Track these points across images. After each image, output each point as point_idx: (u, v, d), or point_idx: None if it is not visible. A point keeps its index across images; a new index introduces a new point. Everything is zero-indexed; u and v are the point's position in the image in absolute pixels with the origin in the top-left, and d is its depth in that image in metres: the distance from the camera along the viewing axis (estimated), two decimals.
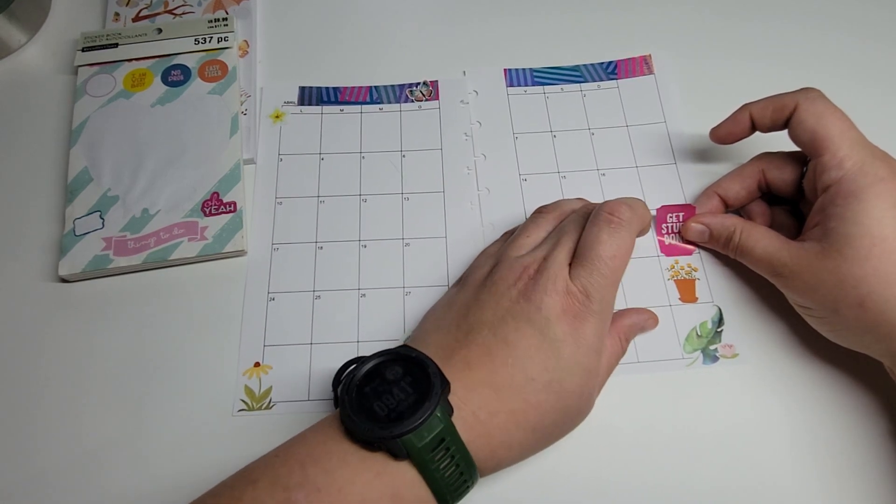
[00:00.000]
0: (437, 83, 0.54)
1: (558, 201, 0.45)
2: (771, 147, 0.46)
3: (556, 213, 0.43)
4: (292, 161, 0.51)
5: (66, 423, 0.42)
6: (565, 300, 0.36)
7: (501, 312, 0.36)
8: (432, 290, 0.46)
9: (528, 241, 0.41)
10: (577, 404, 0.36)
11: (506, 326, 0.36)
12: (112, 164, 0.49)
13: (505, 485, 0.40)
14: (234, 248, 0.46)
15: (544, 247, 0.39)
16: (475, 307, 0.37)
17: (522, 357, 0.35)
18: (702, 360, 0.43)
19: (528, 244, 0.41)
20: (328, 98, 0.54)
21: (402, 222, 0.48)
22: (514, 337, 0.35)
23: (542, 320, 0.35)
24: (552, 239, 0.40)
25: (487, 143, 0.51)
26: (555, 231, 0.41)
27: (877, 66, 0.55)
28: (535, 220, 0.43)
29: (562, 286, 0.36)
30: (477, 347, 0.35)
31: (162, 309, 0.46)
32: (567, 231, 0.40)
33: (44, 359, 0.44)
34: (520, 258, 0.39)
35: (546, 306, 0.36)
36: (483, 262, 0.42)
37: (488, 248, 0.45)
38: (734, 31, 0.56)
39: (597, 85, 0.54)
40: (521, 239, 0.41)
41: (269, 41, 0.57)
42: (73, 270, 0.45)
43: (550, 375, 0.35)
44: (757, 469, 0.40)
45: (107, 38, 0.54)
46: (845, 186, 0.38)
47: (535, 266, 0.38)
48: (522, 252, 0.40)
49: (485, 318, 0.36)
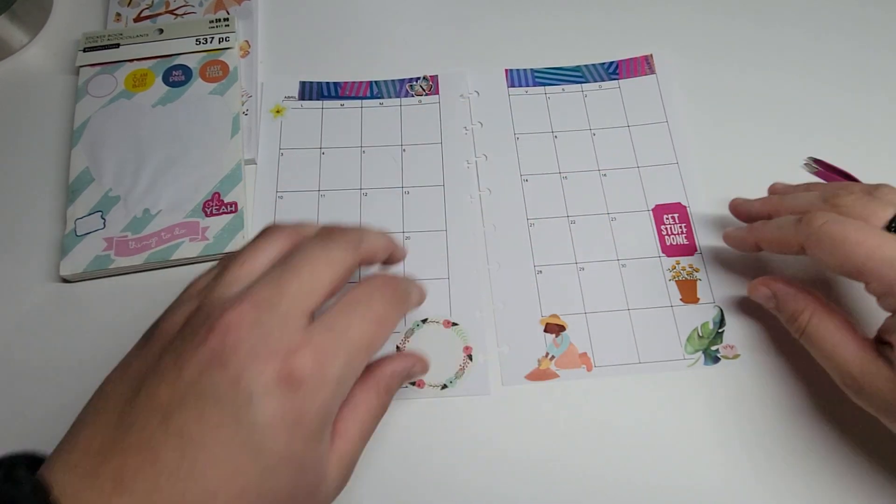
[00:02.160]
0: (437, 78, 0.54)
1: (301, 222, 0.33)
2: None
3: (291, 231, 0.32)
4: (293, 155, 0.51)
5: (68, 422, 0.42)
6: (285, 364, 0.26)
7: (182, 388, 0.25)
8: (433, 283, 0.46)
9: (242, 272, 0.29)
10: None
11: (184, 412, 0.25)
12: (113, 165, 0.49)
13: (506, 484, 0.40)
14: (235, 249, 0.46)
15: (263, 284, 0.28)
16: (151, 380, 0.26)
17: (202, 461, 0.24)
18: (703, 360, 0.43)
19: (241, 277, 0.29)
20: (329, 93, 0.54)
21: (402, 216, 0.49)
22: (195, 430, 0.25)
23: (240, 397, 0.25)
24: (276, 272, 0.29)
25: (488, 143, 0.51)
26: (281, 259, 0.30)
27: (878, 67, 0.54)
28: (257, 243, 0.31)
29: (281, 346, 0.26)
30: (137, 452, 0.24)
31: (163, 308, 0.45)
32: (297, 264, 0.29)
33: (45, 359, 0.44)
34: (224, 300, 0.28)
35: (250, 376, 0.25)
36: (178, 305, 0.30)
37: (196, 282, 0.32)
38: (736, 31, 0.56)
39: (598, 85, 0.54)
40: (232, 270, 0.30)
41: (270, 37, 0.57)
42: (75, 270, 0.45)
43: (245, 481, 0.25)
44: (758, 469, 0.40)
45: (108, 39, 0.54)
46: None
47: (244, 314, 0.27)
48: (233, 290, 0.29)
49: (159, 398, 0.25)
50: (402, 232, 0.48)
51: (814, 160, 0.50)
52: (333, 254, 0.30)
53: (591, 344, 0.44)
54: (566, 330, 0.44)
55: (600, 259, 0.47)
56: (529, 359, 0.43)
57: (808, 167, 0.50)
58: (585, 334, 0.44)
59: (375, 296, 0.30)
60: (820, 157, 0.49)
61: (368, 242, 0.32)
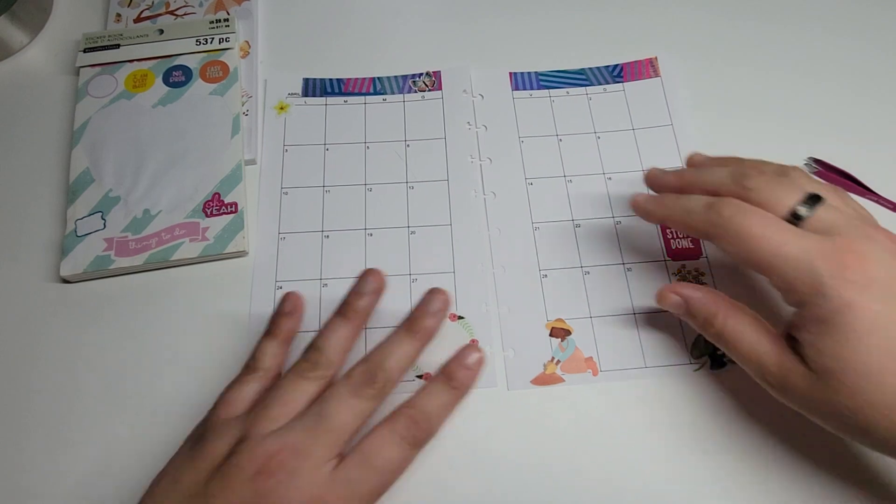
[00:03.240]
0: (440, 73, 0.54)
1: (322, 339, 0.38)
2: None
3: (322, 370, 0.37)
4: (297, 152, 0.51)
5: (68, 423, 0.42)
6: (317, 501, 0.32)
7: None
8: (438, 277, 0.46)
9: (286, 411, 0.35)
10: None
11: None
12: (113, 165, 0.49)
13: (511, 488, 0.39)
14: (236, 249, 0.46)
15: (298, 431, 0.34)
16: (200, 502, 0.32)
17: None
18: (710, 364, 0.43)
19: (285, 416, 0.35)
20: (332, 89, 0.54)
21: (407, 211, 0.48)
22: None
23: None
24: (309, 421, 0.35)
25: (493, 146, 0.51)
26: (315, 406, 0.35)
27: (880, 68, 0.54)
28: (297, 383, 0.37)
29: (311, 495, 0.32)
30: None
31: (164, 308, 0.45)
32: (329, 414, 0.35)
33: (45, 359, 0.44)
34: (266, 441, 0.33)
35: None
36: (225, 431, 0.35)
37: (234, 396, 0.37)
38: (740, 33, 0.56)
39: (602, 88, 0.53)
40: (276, 407, 0.35)
41: (272, 34, 0.57)
42: (75, 271, 0.45)
43: None
44: (765, 473, 0.40)
45: (108, 39, 0.54)
46: (811, 311, 0.33)
47: (283, 459, 0.33)
48: (273, 427, 0.34)
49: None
50: (407, 227, 0.48)
51: (814, 160, 0.50)
52: (362, 407, 0.35)
53: (596, 348, 0.43)
54: (572, 334, 0.44)
55: (606, 263, 0.46)
56: (535, 363, 0.43)
57: (808, 167, 0.50)
58: (591, 339, 0.44)
59: (395, 443, 0.35)
60: (828, 159, 0.49)
61: (392, 386, 0.37)
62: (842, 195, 0.37)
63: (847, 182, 0.49)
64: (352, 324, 0.39)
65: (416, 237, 0.47)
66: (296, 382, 0.37)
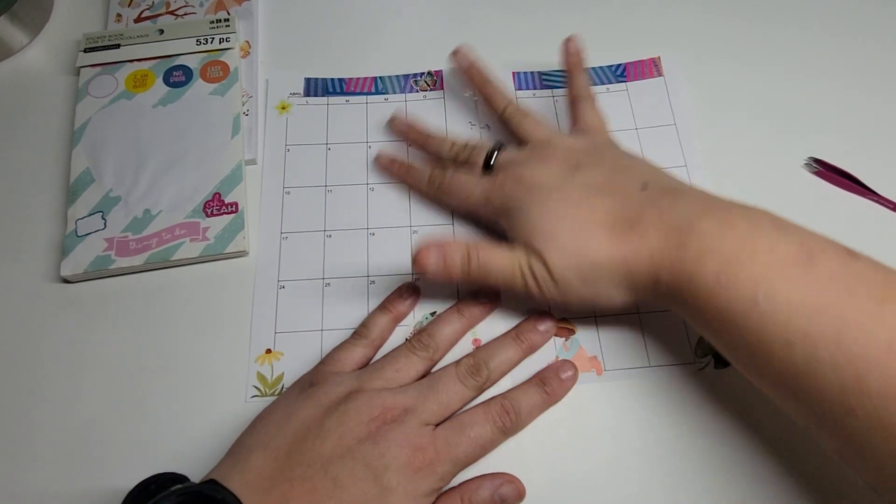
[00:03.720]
0: (441, 73, 0.54)
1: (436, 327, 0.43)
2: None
3: (431, 353, 0.42)
4: (299, 151, 0.51)
5: (70, 422, 0.42)
6: (413, 455, 0.36)
7: (342, 450, 0.35)
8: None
9: (397, 376, 0.40)
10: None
11: (341, 466, 0.35)
12: (114, 165, 0.49)
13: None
14: (236, 249, 0.46)
15: (411, 395, 0.39)
16: (316, 435, 0.36)
17: (345, 499, 0.34)
18: (713, 363, 0.43)
19: (395, 380, 0.40)
20: (333, 89, 0.53)
21: (409, 210, 0.48)
22: (347, 479, 0.34)
23: (381, 467, 0.35)
24: (422, 389, 0.39)
25: None
26: (427, 380, 0.40)
27: (882, 69, 0.54)
28: (408, 357, 0.41)
29: (415, 442, 0.36)
30: (301, 484, 0.34)
31: (165, 308, 0.45)
32: (438, 389, 0.39)
33: (46, 359, 0.43)
34: (381, 395, 0.38)
35: (391, 455, 0.35)
36: (341, 381, 0.39)
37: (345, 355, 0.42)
38: (743, 32, 0.56)
39: (606, 87, 0.53)
40: (389, 371, 0.40)
41: (273, 35, 0.57)
42: (75, 271, 0.45)
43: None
44: (769, 472, 0.40)
45: (108, 39, 0.54)
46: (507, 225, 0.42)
47: (396, 413, 0.37)
48: (389, 386, 0.39)
49: (323, 451, 0.35)
50: (409, 226, 0.48)
51: (814, 160, 0.49)
52: (463, 392, 0.40)
53: (600, 348, 0.43)
54: (575, 334, 0.44)
55: None
56: (539, 363, 0.43)
57: (809, 167, 0.49)
58: (595, 338, 0.44)
59: (488, 423, 0.39)
60: (829, 159, 0.49)
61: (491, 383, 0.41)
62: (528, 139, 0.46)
63: (847, 182, 0.48)
64: (465, 322, 0.43)
65: (419, 236, 0.47)
66: (407, 355, 0.41)
